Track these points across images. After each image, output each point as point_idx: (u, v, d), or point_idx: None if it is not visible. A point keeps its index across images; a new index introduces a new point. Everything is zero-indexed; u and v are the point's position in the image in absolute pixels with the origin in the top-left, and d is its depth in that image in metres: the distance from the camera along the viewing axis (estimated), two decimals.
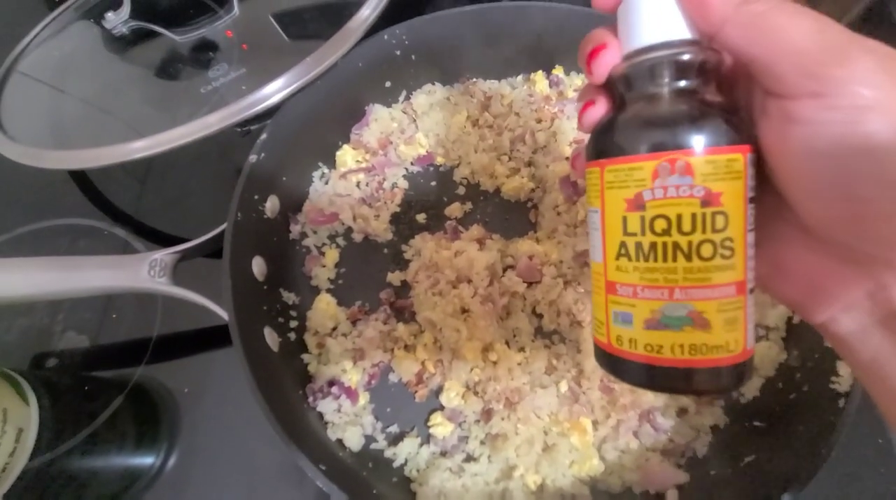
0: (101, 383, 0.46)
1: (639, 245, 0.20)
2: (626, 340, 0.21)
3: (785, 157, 0.19)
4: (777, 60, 0.18)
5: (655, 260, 0.20)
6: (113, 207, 0.55)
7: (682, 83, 0.20)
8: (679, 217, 0.19)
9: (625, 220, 0.21)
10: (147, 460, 0.42)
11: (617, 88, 0.22)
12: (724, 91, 0.21)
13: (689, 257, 0.20)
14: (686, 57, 0.20)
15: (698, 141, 0.19)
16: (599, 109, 0.23)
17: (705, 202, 0.19)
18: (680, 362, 0.20)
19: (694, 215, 0.19)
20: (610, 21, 0.22)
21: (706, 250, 0.19)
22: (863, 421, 0.32)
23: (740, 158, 0.19)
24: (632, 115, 0.21)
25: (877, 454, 0.39)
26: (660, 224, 0.20)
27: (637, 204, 0.20)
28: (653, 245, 0.20)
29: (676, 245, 0.20)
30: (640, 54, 0.21)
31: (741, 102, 0.22)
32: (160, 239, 0.52)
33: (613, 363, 0.22)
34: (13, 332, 0.46)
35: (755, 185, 0.20)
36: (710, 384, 0.21)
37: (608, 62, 0.22)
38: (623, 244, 0.21)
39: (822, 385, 0.33)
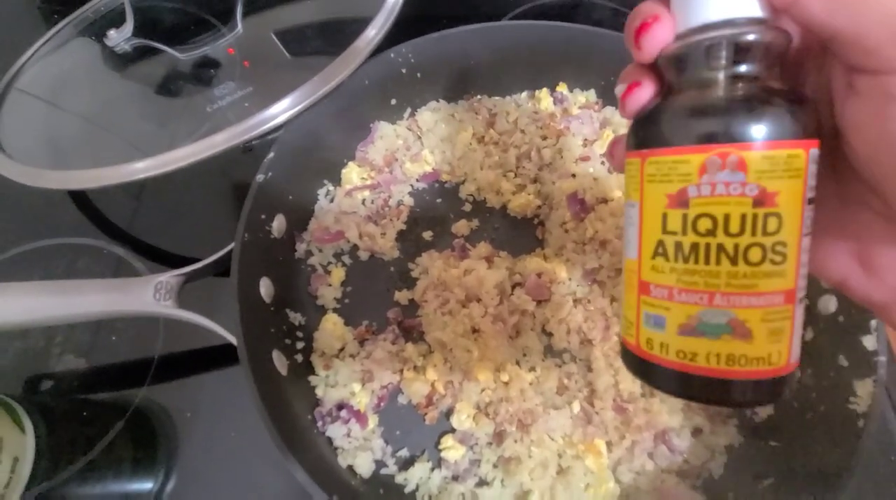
0: (99, 408, 0.44)
1: (678, 245, 0.19)
2: (657, 344, 0.20)
3: (882, 139, 0.16)
4: (868, 32, 0.16)
5: (696, 262, 0.18)
6: (111, 224, 0.54)
7: (743, 67, 0.18)
8: (727, 217, 0.18)
9: (665, 217, 0.19)
10: (145, 485, 0.41)
11: (667, 71, 0.20)
12: (787, 78, 0.19)
13: (734, 261, 0.18)
14: (750, 37, 0.18)
15: (756, 133, 0.17)
16: (645, 92, 0.21)
17: (758, 202, 0.17)
18: (715, 372, 0.19)
19: (744, 216, 0.18)
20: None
21: (754, 255, 0.18)
22: (877, 439, 0.32)
23: (802, 154, 0.17)
24: (681, 101, 0.19)
25: (891, 472, 0.39)
26: (704, 224, 0.18)
27: (680, 200, 0.19)
28: (694, 246, 0.18)
29: (721, 247, 0.18)
30: (697, 33, 0.19)
31: (809, 89, 0.20)
32: (159, 257, 0.51)
33: (642, 367, 0.21)
34: (8, 355, 0.45)
35: (816, 184, 0.18)
36: (746, 398, 0.19)
37: (660, 38, 0.19)
38: (661, 243, 0.19)
39: (839, 405, 0.33)
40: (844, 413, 0.32)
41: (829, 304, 0.38)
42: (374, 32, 0.47)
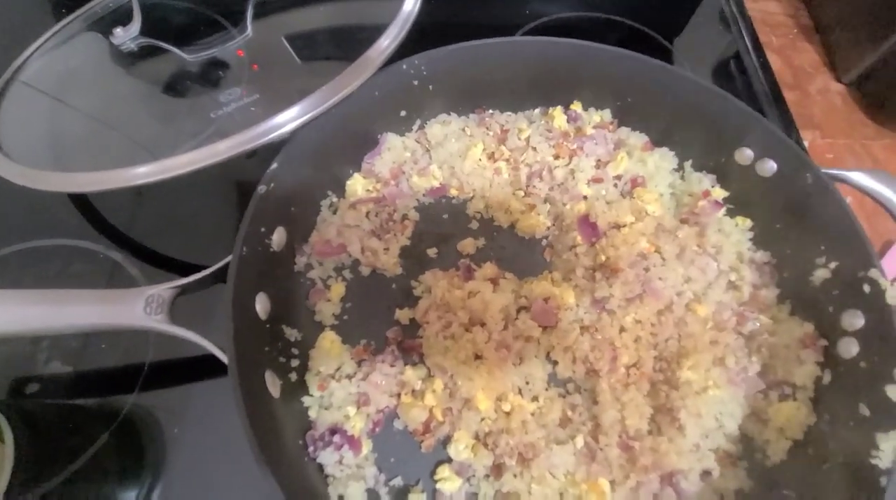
0: (84, 417, 0.43)
1: None
2: None
3: None
4: None
5: None
6: (108, 225, 0.53)
7: None
8: None
9: None
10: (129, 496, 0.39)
11: None
12: None
13: None
14: None
15: None
16: None
17: None
18: None
19: None
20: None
21: None
22: None
23: None
24: None
25: None
26: None
27: None
28: None
29: None
30: None
31: None
32: (155, 261, 0.50)
33: None
34: None
35: None
36: None
37: None
38: None
39: (859, 459, 0.31)
40: (865, 468, 0.31)
41: (850, 347, 0.37)
42: (387, 42, 0.46)
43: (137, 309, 0.35)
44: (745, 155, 0.46)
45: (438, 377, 0.41)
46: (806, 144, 0.65)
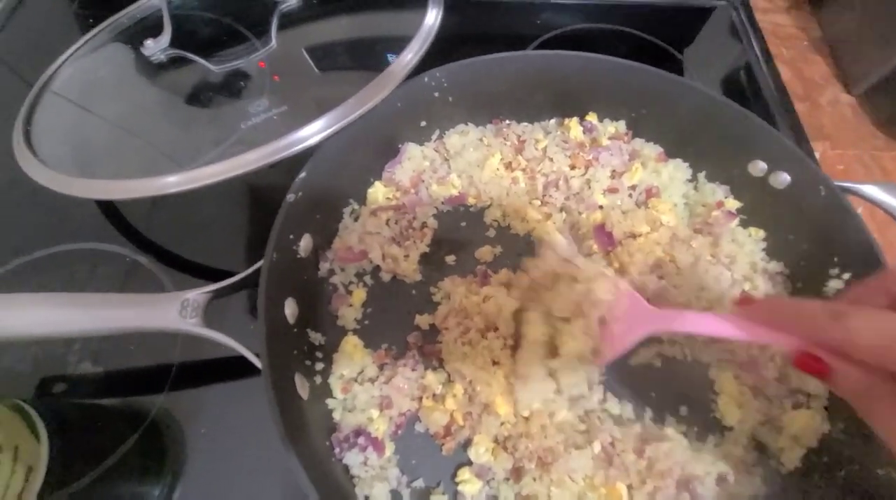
0: (113, 418, 0.44)
1: None
2: None
3: None
4: None
5: None
6: (133, 230, 0.54)
7: None
8: None
9: None
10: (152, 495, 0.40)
11: None
12: None
13: None
14: None
15: None
16: None
17: None
18: None
19: None
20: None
21: None
22: None
23: None
24: None
25: None
26: None
27: None
28: None
29: None
30: None
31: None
32: (177, 263, 0.51)
33: None
34: (26, 361, 0.45)
35: None
36: None
37: None
38: None
39: (874, 469, 0.32)
40: (880, 480, 0.31)
41: None
42: (410, 56, 0.47)
43: (172, 313, 0.36)
44: (758, 167, 0.47)
45: (458, 382, 0.42)
46: (817, 155, 0.65)
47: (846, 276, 0.40)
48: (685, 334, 0.42)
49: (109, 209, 0.56)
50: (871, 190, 0.41)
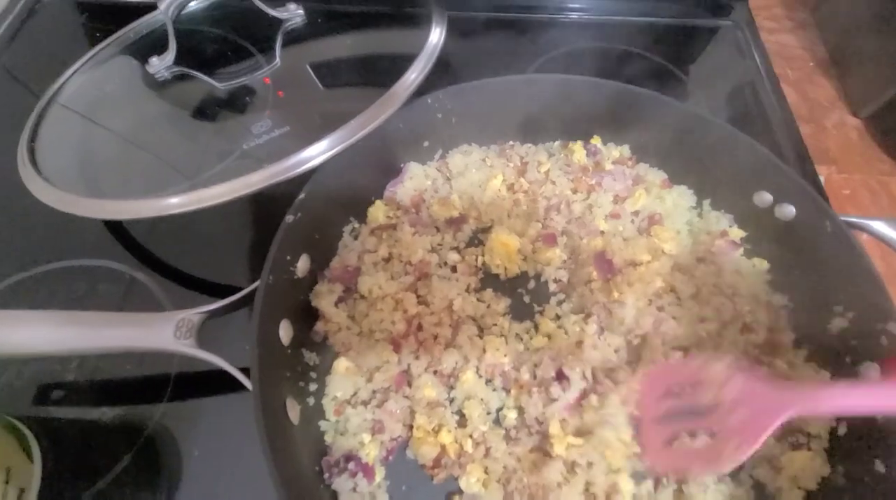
0: (108, 436, 0.44)
1: None
2: None
3: None
4: None
5: None
6: (132, 245, 0.54)
7: None
8: None
9: None
10: None
11: None
12: None
13: None
14: None
15: None
16: None
17: None
18: None
19: None
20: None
21: None
22: None
23: None
24: None
25: None
26: None
27: None
28: None
29: None
30: None
31: None
32: (177, 278, 0.51)
33: None
34: (23, 378, 0.45)
35: None
36: None
37: None
38: None
39: None
40: None
41: None
42: (414, 75, 0.47)
43: (167, 333, 0.36)
44: (763, 198, 0.46)
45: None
46: (822, 179, 0.64)
47: (850, 314, 0.39)
48: (834, 415, 0.37)
49: (110, 226, 0.55)
50: (879, 226, 0.40)
